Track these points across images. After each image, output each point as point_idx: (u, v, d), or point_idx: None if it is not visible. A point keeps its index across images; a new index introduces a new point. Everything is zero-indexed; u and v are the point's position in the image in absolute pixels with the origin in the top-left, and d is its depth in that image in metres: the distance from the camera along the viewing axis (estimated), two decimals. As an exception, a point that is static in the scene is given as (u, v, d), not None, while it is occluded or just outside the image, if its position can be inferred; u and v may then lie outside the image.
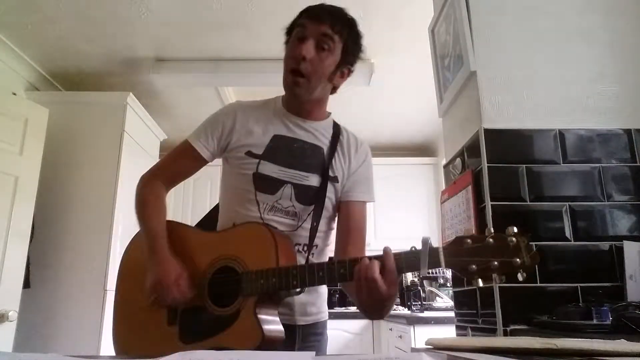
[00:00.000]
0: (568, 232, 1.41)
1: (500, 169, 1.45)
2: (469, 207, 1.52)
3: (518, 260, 0.76)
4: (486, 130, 1.47)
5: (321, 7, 1.13)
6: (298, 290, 0.95)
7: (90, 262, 2.64)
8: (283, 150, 1.13)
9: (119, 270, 1.15)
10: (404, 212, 4.06)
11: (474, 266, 0.78)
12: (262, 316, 0.94)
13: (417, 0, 2.34)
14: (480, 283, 0.77)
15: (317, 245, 1.14)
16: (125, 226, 2.75)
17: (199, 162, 1.16)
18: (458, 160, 1.68)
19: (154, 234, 1.06)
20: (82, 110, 2.91)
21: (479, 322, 1.48)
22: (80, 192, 2.76)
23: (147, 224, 1.09)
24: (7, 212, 2.30)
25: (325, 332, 1.19)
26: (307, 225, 1.11)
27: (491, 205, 1.41)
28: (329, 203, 1.15)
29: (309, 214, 1.12)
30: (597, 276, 1.36)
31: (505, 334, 1.31)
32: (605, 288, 1.33)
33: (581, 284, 1.35)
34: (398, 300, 4.04)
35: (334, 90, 1.20)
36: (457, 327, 1.68)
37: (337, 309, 3.96)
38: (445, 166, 1.82)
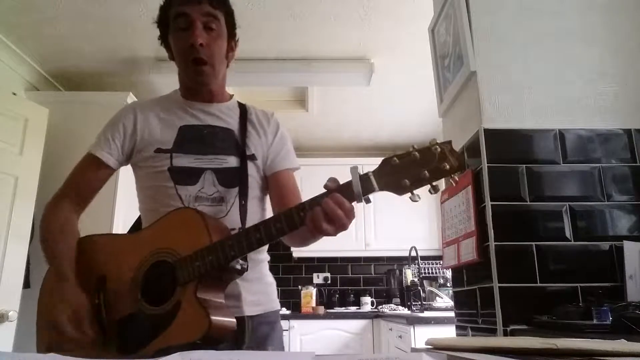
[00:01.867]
0: (568, 232, 1.41)
1: (500, 169, 1.45)
2: (469, 207, 1.52)
3: (447, 165, 0.76)
4: (486, 130, 1.47)
5: None
6: (240, 267, 0.91)
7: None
8: (194, 138, 1.09)
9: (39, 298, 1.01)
10: (404, 212, 4.06)
11: (406, 181, 0.78)
12: (206, 300, 0.87)
13: (417, 0, 2.34)
14: (417, 198, 0.78)
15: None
16: (125, 226, 2.74)
17: (106, 171, 1.11)
18: (458, 160, 1.67)
19: (58, 260, 0.98)
20: (82, 110, 2.90)
21: (479, 322, 1.48)
22: (80, 192, 2.76)
23: (52, 252, 1.00)
24: (7, 212, 2.30)
25: (278, 322, 1.14)
26: (236, 208, 1.07)
27: (491, 205, 1.41)
28: (253, 182, 1.12)
29: (235, 197, 1.08)
30: (597, 276, 1.36)
31: (505, 334, 1.31)
32: (605, 288, 1.33)
33: (581, 284, 1.35)
34: (398, 300, 4.04)
35: (228, 65, 1.18)
36: (457, 327, 1.68)
37: (337, 309, 3.96)
38: (445, 166, 1.82)
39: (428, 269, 3.88)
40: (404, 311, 3.59)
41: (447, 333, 2.38)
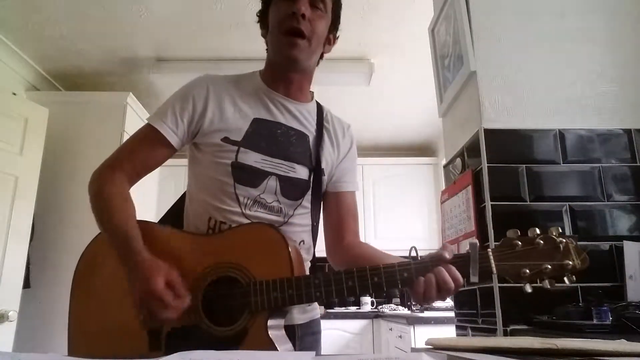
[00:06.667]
0: (568, 232, 1.40)
1: (500, 169, 1.45)
2: (469, 207, 1.52)
3: (570, 263, 0.75)
4: (486, 130, 1.47)
5: None
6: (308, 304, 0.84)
7: (90, 262, 2.64)
8: (266, 136, 0.97)
9: (72, 288, 0.94)
10: (404, 212, 4.06)
11: (526, 270, 0.75)
12: (274, 335, 0.80)
13: (417, 0, 2.34)
14: (529, 288, 0.76)
15: (303, 241, 1.03)
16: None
17: (167, 150, 0.96)
18: (458, 160, 1.68)
19: (126, 234, 0.86)
20: (82, 110, 2.90)
21: (479, 322, 1.48)
22: (80, 192, 2.70)
23: (115, 224, 0.89)
24: (7, 212, 2.30)
25: (320, 330, 1.11)
26: (295, 221, 0.99)
27: (491, 205, 1.41)
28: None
29: (294, 210, 0.99)
30: (597, 276, 1.36)
31: (505, 334, 1.31)
32: (605, 288, 1.33)
33: (581, 284, 1.35)
34: (398, 300, 4.04)
35: (320, 59, 1.09)
36: (457, 327, 1.68)
37: (337, 309, 3.96)
38: (445, 166, 1.82)
39: (428, 269, 3.87)
40: (404, 311, 3.59)
41: (447, 333, 2.38)
